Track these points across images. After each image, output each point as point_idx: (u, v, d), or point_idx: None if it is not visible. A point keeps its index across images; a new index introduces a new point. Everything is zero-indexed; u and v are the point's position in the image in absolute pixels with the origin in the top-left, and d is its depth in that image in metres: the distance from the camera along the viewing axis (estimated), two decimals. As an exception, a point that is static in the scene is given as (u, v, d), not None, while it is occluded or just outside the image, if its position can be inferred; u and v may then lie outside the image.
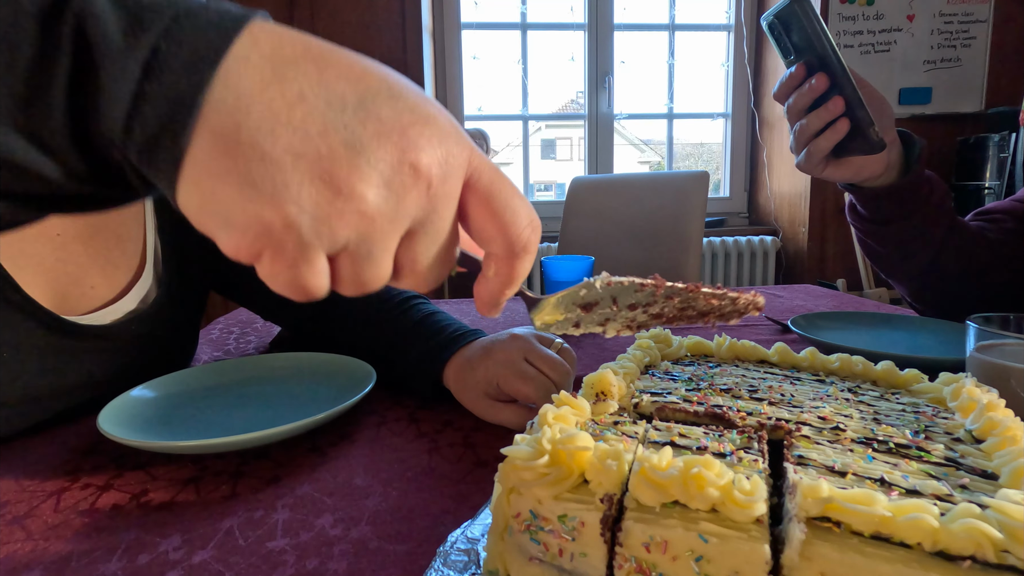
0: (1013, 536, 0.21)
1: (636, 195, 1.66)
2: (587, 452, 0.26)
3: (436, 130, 0.22)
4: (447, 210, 0.24)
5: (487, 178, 0.24)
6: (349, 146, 0.21)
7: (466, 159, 0.23)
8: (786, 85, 0.66)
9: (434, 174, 0.22)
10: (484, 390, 0.52)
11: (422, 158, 0.22)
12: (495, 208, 0.24)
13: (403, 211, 0.22)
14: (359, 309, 0.67)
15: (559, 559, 0.27)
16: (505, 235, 0.25)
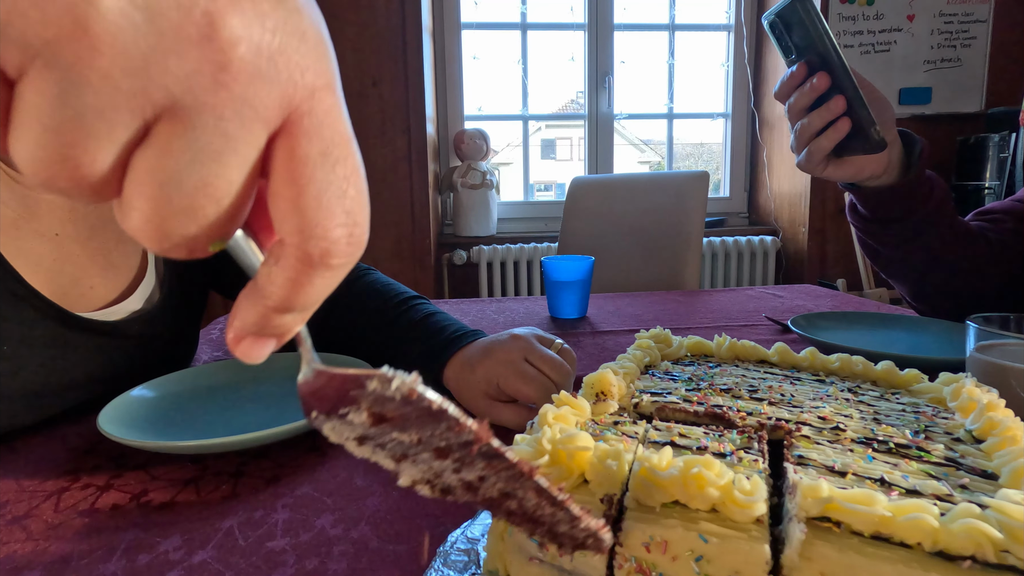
0: (1013, 536, 0.21)
1: (636, 195, 1.66)
2: (587, 452, 0.27)
3: (286, 18, 0.15)
4: (237, 126, 0.14)
5: (318, 127, 0.16)
6: None
7: (307, 84, 0.15)
8: (787, 84, 0.66)
9: (238, 55, 0.14)
10: (484, 390, 0.52)
11: (230, 20, 0.14)
12: (307, 180, 0.16)
13: (155, 72, 0.13)
14: (359, 309, 0.67)
15: (559, 559, 0.27)
16: (303, 220, 0.16)
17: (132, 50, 0.13)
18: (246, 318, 0.17)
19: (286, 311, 0.17)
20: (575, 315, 0.98)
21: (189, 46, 0.13)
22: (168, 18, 0.13)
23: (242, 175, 0.15)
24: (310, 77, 0.15)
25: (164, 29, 0.13)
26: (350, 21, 2.18)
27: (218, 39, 0.14)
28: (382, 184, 2.28)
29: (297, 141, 0.15)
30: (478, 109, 2.65)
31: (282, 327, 0.18)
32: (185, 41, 0.13)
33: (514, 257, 2.47)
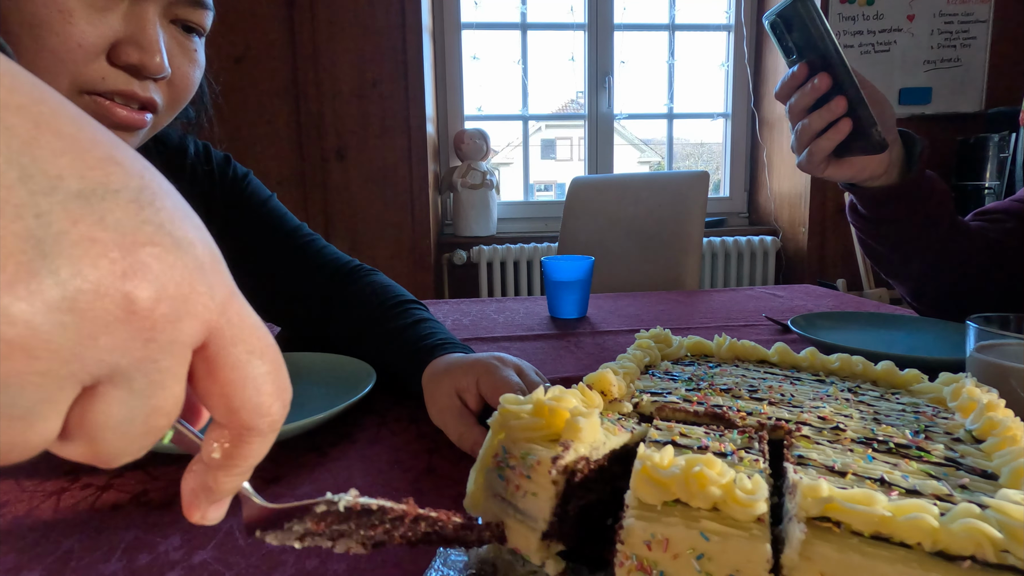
0: (1013, 536, 0.21)
1: (636, 195, 1.66)
2: (565, 412, 0.29)
3: (186, 259, 0.16)
4: (171, 360, 0.16)
5: (238, 339, 0.18)
6: (33, 240, 0.13)
7: (217, 305, 0.17)
8: (788, 85, 0.66)
9: (159, 314, 0.15)
10: (455, 392, 0.49)
11: (146, 291, 0.15)
12: (232, 379, 0.18)
13: (92, 353, 0.15)
14: (357, 309, 0.67)
15: (515, 496, 0.28)
16: (236, 413, 0.18)
17: (66, 345, 0.14)
18: (197, 485, 0.20)
19: (232, 474, 0.20)
20: (575, 315, 0.98)
21: (116, 325, 0.15)
22: (92, 309, 0.14)
23: (181, 387, 0.17)
24: (218, 294, 0.17)
25: (91, 319, 0.14)
26: (350, 21, 2.18)
27: (139, 310, 0.15)
28: (382, 184, 2.28)
29: (223, 350, 0.17)
30: (478, 109, 2.65)
31: (230, 486, 0.20)
32: (112, 323, 0.15)
33: (514, 257, 2.47)
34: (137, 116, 0.49)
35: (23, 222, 0.13)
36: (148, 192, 0.16)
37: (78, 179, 0.15)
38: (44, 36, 0.43)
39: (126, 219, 0.15)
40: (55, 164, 0.14)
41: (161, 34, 0.48)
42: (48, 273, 0.14)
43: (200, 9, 0.51)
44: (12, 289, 0.13)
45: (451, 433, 0.48)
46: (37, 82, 0.15)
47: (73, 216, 0.14)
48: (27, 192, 0.14)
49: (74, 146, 0.15)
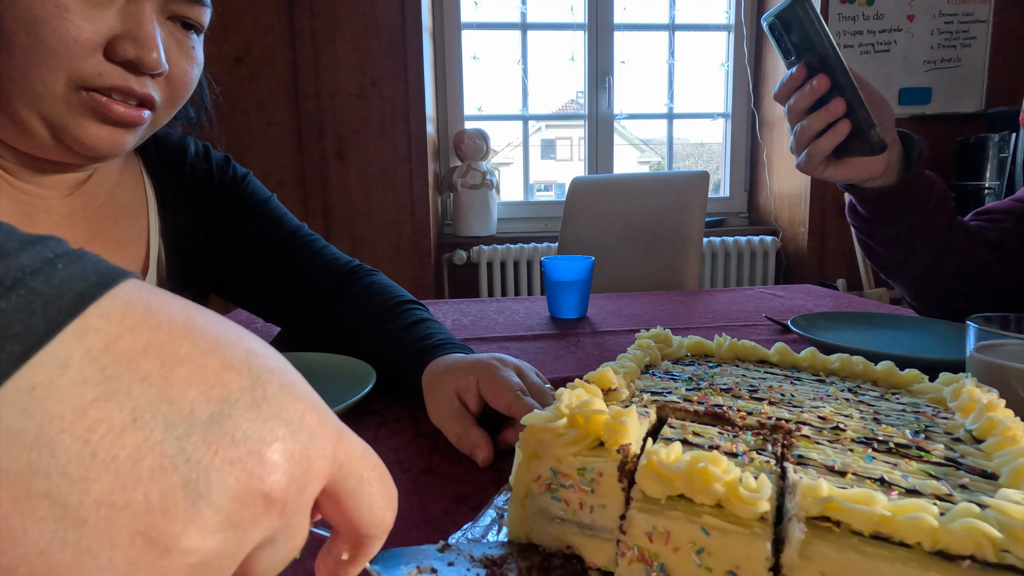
0: (1013, 536, 0.21)
1: (636, 195, 1.66)
2: (602, 415, 0.28)
3: (302, 437, 0.18)
4: (301, 519, 0.19)
5: (351, 476, 0.20)
6: (189, 486, 0.16)
7: (330, 459, 0.19)
8: (787, 86, 0.66)
9: (290, 494, 0.18)
10: (454, 392, 0.49)
11: (278, 482, 0.17)
12: (357, 503, 0.21)
13: (248, 543, 0.17)
14: (355, 312, 0.67)
15: (579, 513, 0.28)
16: (358, 530, 0.21)
17: (230, 550, 0.17)
18: (330, 572, 0.23)
19: (358, 566, 0.23)
20: (575, 315, 0.98)
21: (261, 517, 0.17)
22: (242, 518, 0.17)
23: (308, 527, 0.21)
24: (329, 451, 0.19)
25: (243, 524, 0.17)
26: (350, 21, 2.18)
27: (275, 500, 0.17)
28: (382, 184, 2.28)
29: (339, 487, 0.20)
30: (478, 109, 2.65)
31: (353, 573, 0.24)
32: (258, 517, 0.17)
33: (514, 257, 2.47)
34: (135, 113, 0.49)
35: (179, 472, 0.15)
36: (260, 386, 0.18)
37: (206, 405, 0.16)
38: (41, 32, 0.43)
39: (251, 428, 0.17)
40: (187, 399, 0.16)
41: (158, 30, 0.48)
42: (206, 506, 0.16)
43: (197, 6, 0.51)
44: (186, 533, 0.15)
45: (449, 433, 0.47)
46: (147, 306, 0.17)
47: (212, 446, 0.16)
48: (174, 440, 0.16)
49: (195, 369, 0.17)
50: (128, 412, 0.15)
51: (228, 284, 0.72)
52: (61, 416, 0.14)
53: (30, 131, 0.47)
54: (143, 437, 0.15)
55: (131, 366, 0.16)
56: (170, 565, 0.15)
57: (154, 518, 0.15)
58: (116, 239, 0.60)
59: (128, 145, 0.51)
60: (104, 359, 0.15)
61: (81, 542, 0.14)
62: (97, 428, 0.15)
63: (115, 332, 0.16)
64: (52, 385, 0.15)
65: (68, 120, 0.47)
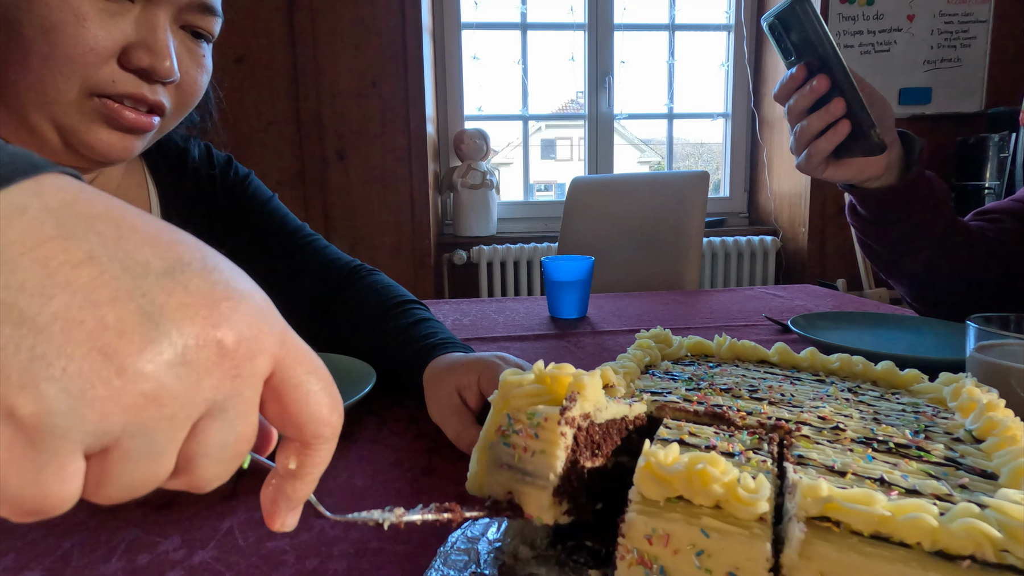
0: (1012, 535, 0.21)
1: (636, 195, 1.66)
2: (568, 377, 0.30)
3: (251, 305, 0.20)
4: (251, 391, 0.20)
5: (297, 363, 0.21)
6: (145, 315, 0.17)
7: (278, 338, 0.20)
8: (787, 86, 0.66)
9: (241, 353, 0.19)
10: (455, 391, 0.49)
11: (230, 334, 0.18)
12: (303, 394, 0.21)
13: (200, 394, 0.18)
14: (356, 309, 0.67)
15: (523, 459, 0.29)
16: (303, 427, 0.22)
17: (183, 391, 0.18)
18: (276, 495, 0.23)
19: (306, 481, 0.23)
20: (575, 315, 0.98)
21: (214, 367, 0.18)
22: (197, 359, 0.18)
23: (257, 415, 0.21)
24: (277, 330, 0.20)
25: (197, 367, 0.18)
26: (350, 21, 2.18)
27: (227, 352, 0.18)
28: (382, 184, 2.28)
29: (286, 375, 0.21)
30: (478, 109, 2.65)
31: (303, 492, 0.23)
32: (211, 366, 0.18)
33: (514, 257, 2.47)
34: (145, 119, 0.50)
35: (135, 303, 0.17)
36: (210, 260, 0.19)
37: (160, 260, 0.18)
38: (57, 39, 0.43)
39: (202, 284, 0.18)
40: (141, 253, 0.18)
41: (171, 39, 0.49)
42: (162, 337, 0.17)
43: (210, 16, 0.52)
44: (141, 355, 0.17)
45: (449, 431, 0.48)
46: (101, 193, 0.19)
47: (167, 290, 0.18)
48: (131, 279, 0.17)
49: (148, 237, 0.18)
50: (84, 251, 0.17)
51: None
52: (20, 242, 0.16)
53: (41, 136, 0.48)
54: (99, 271, 0.17)
55: (87, 223, 0.17)
56: (123, 387, 0.16)
57: (110, 337, 0.16)
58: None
59: (137, 150, 0.52)
60: (61, 214, 0.17)
61: (36, 348, 0.15)
62: (54, 257, 0.16)
63: (70, 199, 0.17)
64: (11, 219, 0.16)
65: (80, 126, 0.47)
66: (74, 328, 0.16)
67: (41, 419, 0.15)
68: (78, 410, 0.16)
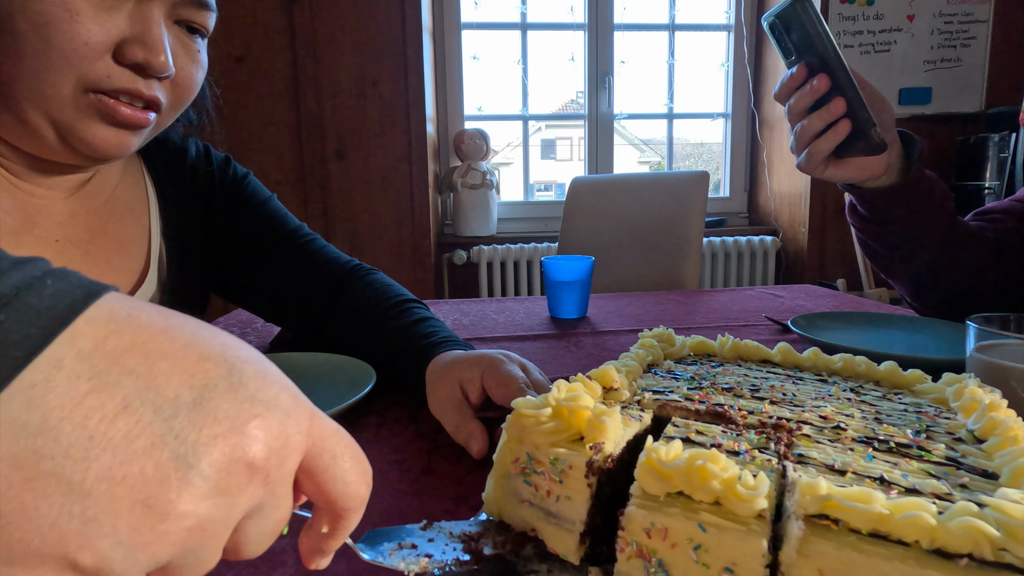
0: (1011, 534, 0.21)
1: (636, 195, 1.66)
2: (586, 411, 0.29)
3: (277, 414, 0.20)
4: (284, 489, 0.22)
5: (324, 451, 0.23)
6: (179, 459, 0.18)
7: (305, 434, 0.22)
8: (787, 86, 0.66)
9: (272, 464, 0.20)
10: (447, 395, 0.50)
11: (259, 453, 0.20)
12: (331, 476, 0.23)
13: (238, 510, 0.20)
14: (356, 311, 0.67)
15: (546, 500, 0.29)
16: (335, 503, 0.23)
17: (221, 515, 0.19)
18: (312, 546, 0.25)
19: (337, 539, 0.25)
20: (575, 315, 0.98)
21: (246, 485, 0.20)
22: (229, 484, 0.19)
23: (292, 500, 0.23)
24: (303, 427, 0.21)
25: (231, 491, 0.19)
26: (350, 21, 2.18)
27: (258, 468, 0.20)
28: (382, 184, 2.28)
29: (314, 461, 0.22)
30: (478, 109, 2.65)
31: (336, 546, 0.25)
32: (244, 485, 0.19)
33: (514, 257, 2.47)
34: (141, 115, 0.50)
35: (168, 447, 0.18)
36: (236, 373, 0.20)
37: (188, 390, 0.19)
38: (51, 35, 0.43)
39: (230, 408, 0.19)
40: (171, 386, 0.19)
41: (165, 34, 0.49)
42: (196, 475, 0.18)
43: (204, 10, 0.52)
44: (180, 499, 0.18)
45: (448, 423, 0.48)
46: (130, 313, 0.19)
47: (196, 424, 0.19)
48: (162, 422, 0.18)
49: (176, 363, 0.19)
50: (119, 400, 0.18)
51: (228, 283, 0.73)
52: (60, 407, 0.17)
53: (37, 133, 0.48)
54: (134, 420, 0.18)
55: (118, 362, 0.18)
56: (168, 528, 0.18)
57: (150, 488, 0.17)
58: (118, 238, 0.60)
59: (133, 147, 0.51)
60: (94, 358, 0.18)
61: (87, 512, 0.17)
62: (93, 415, 0.17)
63: (102, 335, 0.18)
64: (50, 381, 0.17)
65: (75, 122, 0.47)
66: (117, 487, 0.17)
67: (101, 569, 0.17)
68: (131, 555, 0.18)
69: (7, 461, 0.16)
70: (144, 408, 0.18)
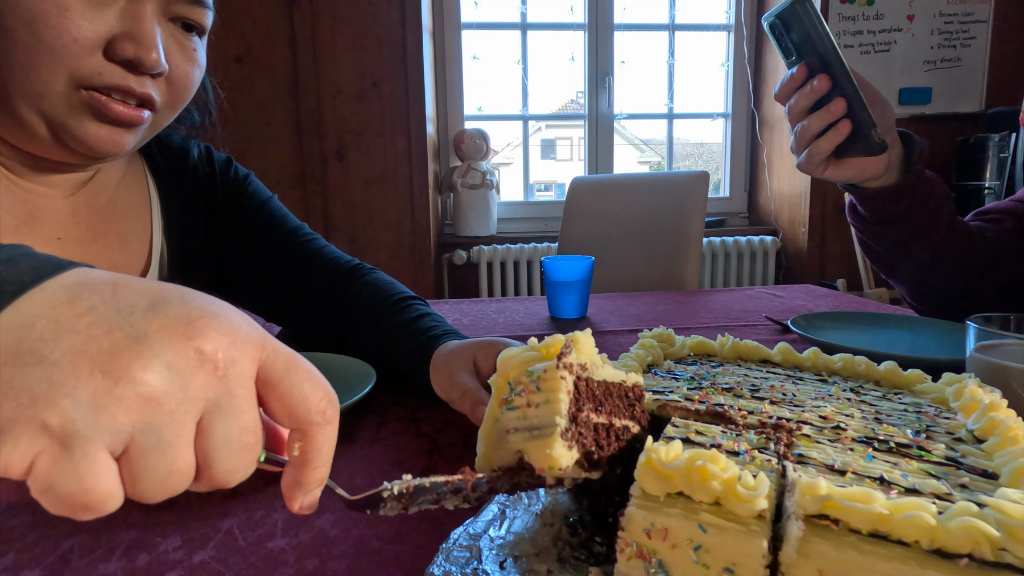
0: (1011, 534, 0.21)
1: (636, 195, 1.66)
2: (560, 340, 0.31)
3: (224, 321, 0.24)
4: (241, 389, 0.24)
5: (278, 361, 0.25)
6: (132, 338, 0.21)
7: (257, 344, 0.24)
8: (787, 86, 0.66)
9: (220, 357, 0.23)
10: (459, 367, 0.51)
11: (207, 343, 0.23)
12: (288, 387, 0.25)
13: (191, 392, 0.22)
14: (358, 309, 0.67)
15: (528, 415, 0.29)
16: (298, 417, 0.25)
17: (174, 390, 0.22)
18: (291, 481, 0.26)
19: (312, 467, 0.26)
20: (575, 315, 0.98)
21: (198, 370, 0.22)
22: (180, 364, 0.22)
23: (255, 411, 0.25)
24: (255, 338, 0.24)
25: (182, 370, 0.22)
26: (350, 21, 2.18)
27: (207, 357, 0.23)
28: (382, 184, 2.28)
29: (271, 372, 0.25)
30: (478, 109, 2.65)
31: (314, 478, 0.26)
32: (195, 369, 0.22)
33: (514, 257, 2.47)
34: (134, 112, 0.49)
35: (124, 331, 0.22)
36: (188, 294, 0.24)
37: (146, 301, 0.23)
38: (41, 31, 0.43)
39: (179, 310, 0.23)
40: (130, 298, 0.23)
41: (158, 31, 0.48)
42: (147, 350, 0.22)
43: (198, 7, 0.51)
44: (132, 366, 0.21)
45: (457, 389, 0.49)
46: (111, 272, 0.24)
47: (149, 319, 0.22)
48: (121, 316, 0.22)
49: (139, 288, 0.23)
50: (86, 306, 0.22)
51: (229, 283, 0.73)
52: (38, 309, 0.21)
53: (31, 129, 0.47)
54: (97, 316, 0.22)
55: (91, 288, 0.23)
56: (123, 393, 0.21)
57: (105, 357, 0.21)
58: (119, 237, 0.60)
59: (128, 145, 0.51)
60: (73, 287, 0.22)
61: (52, 377, 0.20)
62: (64, 314, 0.21)
63: (81, 276, 0.23)
64: (33, 298, 0.22)
65: (68, 119, 0.47)
66: (79, 357, 0.21)
67: (65, 426, 0.20)
68: (92, 415, 0.20)
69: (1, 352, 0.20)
70: (107, 310, 0.22)
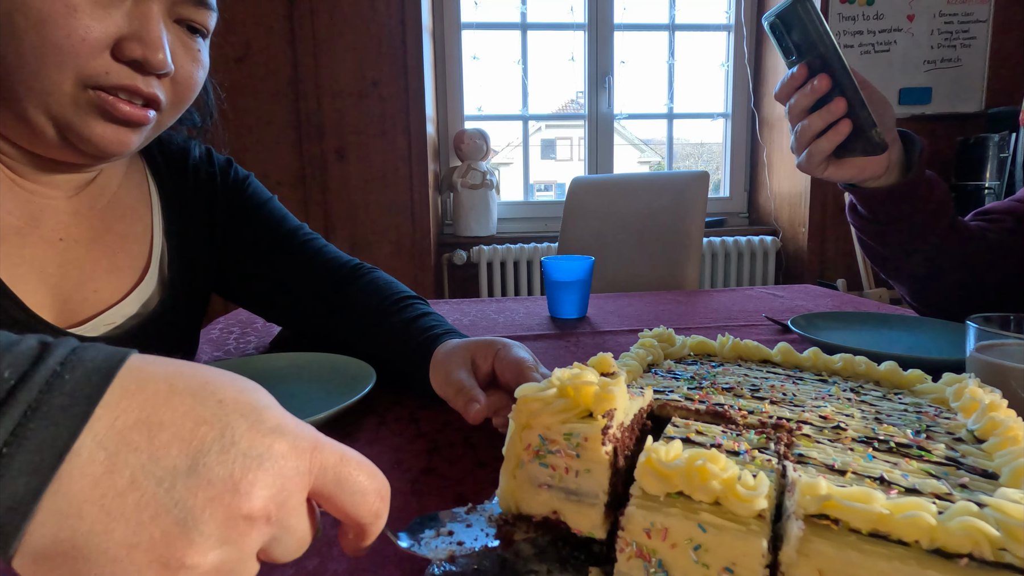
0: (1011, 534, 0.21)
1: (636, 195, 1.66)
2: (592, 387, 0.29)
3: (270, 466, 0.23)
4: (294, 520, 0.24)
5: (327, 479, 0.25)
6: (180, 523, 0.21)
7: (305, 472, 0.24)
8: (787, 86, 0.66)
9: (271, 510, 0.23)
10: (457, 364, 0.50)
11: (255, 504, 0.22)
12: (341, 500, 0.25)
13: (247, 550, 0.22)
14: (358, 309, 0.67)
15: (565, 479, 0.29)
16: (352, 519, 0.26)
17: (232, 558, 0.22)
18: (347, 546, 0.28)
19: (366, 541, 0.28)
20: (575, 315, 0.98)
21: (250, 530, 0.22)
22: (232, 535, 0.22)
23: (307, 521, 0.25)
24: (303, 465, 0.24)
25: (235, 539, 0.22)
26: (350, 21, 2.18)
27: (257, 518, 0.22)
28: (382, 184, 2.28)
29: (325, 486, 0.25)
30: (478, 109, 2.65)
31: (367, 544, 0.28)
32: (248, 530, 0.22)
33: (514, 257, 2.47)
34: (140, 112, 0.50)
35: (171, 515, 0.21)
36: (228, 432, 0.22)
37: (185, 458, 0.21)
38: (49, 31, 0.44)
39: (223, 470, 0.22)
40: (169, 456, 0.21)
41: (165, 32, 0.49)
42: (198, 535, 0.21)
43: (204, 9, 0.52)
44: (187, 556, 0.21)
45: (453, 385, 0.48)
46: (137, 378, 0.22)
47: (192, 490, 0.21)
48: (164, 492, 0.21)
49: (174, 432, 0.22)
50: (127, 477, 0.21)
51: (230, 283, 0.73)
52: (81, 491, 0.20)
53: (38, 130, 0.48)
54: (140, 494, 0.21)
55: (126, 440, 0.21)
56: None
57: (160, 549, 0.21)
58: (120, 237, 0.60)
59: (133, 145, 0.51)
60: (106, 440, 0.21)
61: (117, 574, 0.20)
62: (107, 494, 0.20)
63: (112, 417, 0.21)
64: (73, 472, 0.20)
65: (75, 119, 0.48)
66: (135, 551, 0.20)
67: None
68: None
69: (58, 544, 0.20)
70: (147, 481, 0.21)
